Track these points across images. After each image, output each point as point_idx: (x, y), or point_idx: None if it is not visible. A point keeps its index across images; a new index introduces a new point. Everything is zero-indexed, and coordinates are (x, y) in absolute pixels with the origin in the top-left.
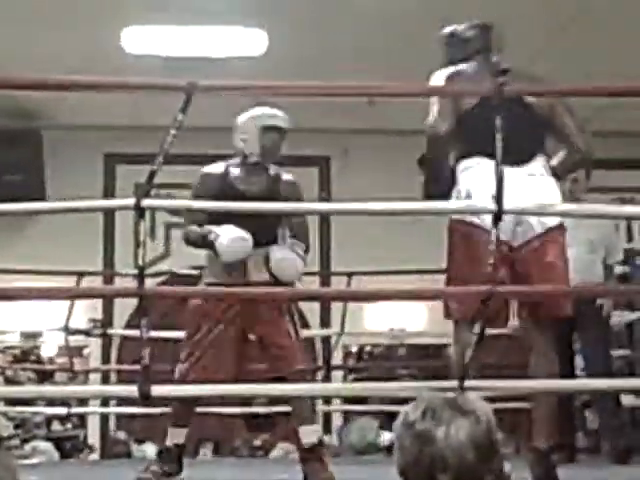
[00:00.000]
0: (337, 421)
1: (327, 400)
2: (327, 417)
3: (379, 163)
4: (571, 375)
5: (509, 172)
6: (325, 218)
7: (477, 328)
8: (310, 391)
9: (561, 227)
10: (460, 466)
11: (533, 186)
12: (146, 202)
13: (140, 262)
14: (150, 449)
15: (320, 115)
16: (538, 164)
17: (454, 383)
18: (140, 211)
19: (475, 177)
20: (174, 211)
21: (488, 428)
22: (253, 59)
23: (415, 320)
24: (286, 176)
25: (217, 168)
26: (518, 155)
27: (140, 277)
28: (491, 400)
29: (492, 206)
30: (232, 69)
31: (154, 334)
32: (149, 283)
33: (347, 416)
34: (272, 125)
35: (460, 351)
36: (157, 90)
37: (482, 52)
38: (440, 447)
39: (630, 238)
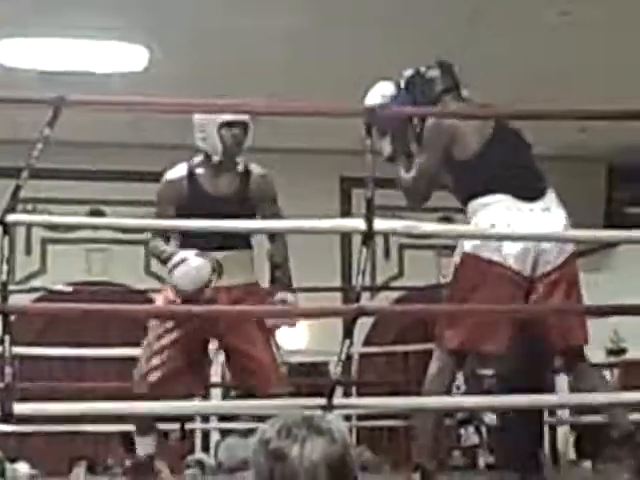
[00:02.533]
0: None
1: (205, 418)
2: (205, 435)
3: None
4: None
5: (527, 207)
6: None
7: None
8: (188, 409)
9: (574, 254)
10: None
11: (549, 221)
12: (11, 218)
13: (4, 278)
14: (23, 468)
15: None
16: (552, 198)
17: (323, 401)
18: (3, 226)
19: (496, 214)
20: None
21: (343, 448)
22: (133, 75)
23: (295, 338)
24: (256, 169)
25: (180, 172)
26: (533, 190)
27: (2, 294)
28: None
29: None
30: (112, 85)
31: (24, 351)
32: (22, 300)
33: (224, 434)
34: (232, 120)
35: (442, 383)
36: (29, 104)
37: (451, 91)
38: (293, 465)
39: None
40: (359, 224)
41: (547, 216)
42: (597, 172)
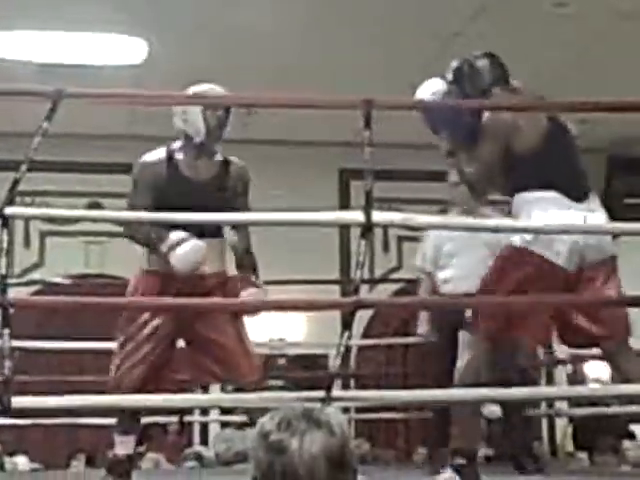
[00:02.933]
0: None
1: (204, 411)
2: (204, 428)
3: (257, 173)
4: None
5: (576, 206)
6: None
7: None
8: (187, 402)
9: (614, 258)
10: (312, 477)
11: (594, 222)
12: (9, 211)
13: (2, 271)
14: (22, 461)
15: None
16: (596, 200)
17: (321, 394)
18: (2, 219)
19: (548, 210)
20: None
21: (342, 441)
22: (133, 67)
23: (295, 330)
24: (235, 160)
25: (158, 155)
26: (580, 190)
27: (1, 287)
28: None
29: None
30: (111, 77)
31: (28, 344)
32: (21, 293)
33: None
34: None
35: (478, 367)
36: (28, 97)
37: (500, 81)
38: (292, 458)
39: None
40: (358, 216)
41: (592, 217)
42: (597, 163)
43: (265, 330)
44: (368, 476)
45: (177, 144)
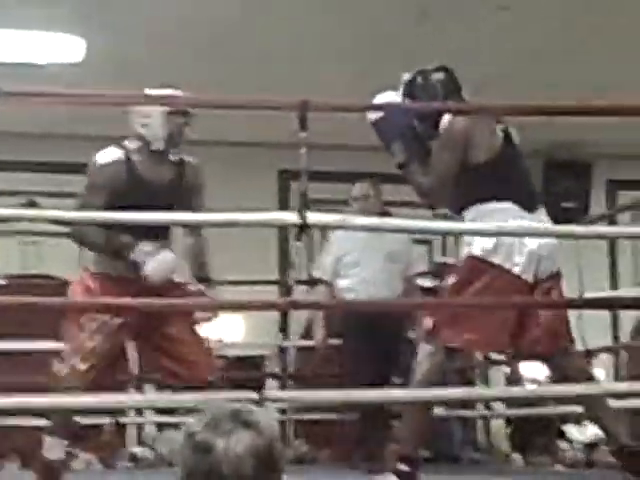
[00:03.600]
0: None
1: (140, 411)
2: (140, 428)
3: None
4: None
5: (529, 217)
6: None
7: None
8: (122, 403)
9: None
10: (237, 477)
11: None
12: None
13: None
14: None
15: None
16: (543, 211)
17: (254, 394)
18: None
19: (507, 221)
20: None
21: (270, 442)
22: (71, 66)
23: (232, 331)
24: (188, 159)
25: (114, 155)
26: (532, 201)
27: None
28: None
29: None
30: (51, 76)
31: None
32: None
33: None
34: (179, 109)
35: (438, 378)
36: None
37: (454, 94)
38: (218, 458)
39: (444, 252)
40: (292, 217)
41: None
42: (534, 167)
43: (202, 331)
44: (303, 476)
45: (133, 145)
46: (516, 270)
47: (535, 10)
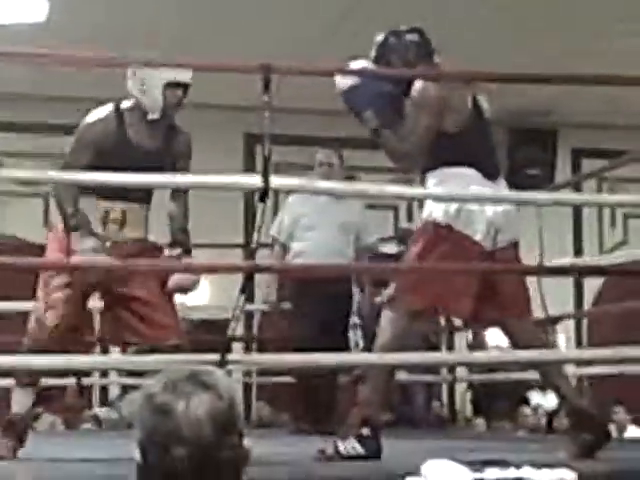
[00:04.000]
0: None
1: (104, 373)
2: (104, 390)
3: None
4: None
5: (490, 185)
6: None
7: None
8: (90, 363)
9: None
10: (196, 440)
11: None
12: None
13: None
14: None
15: (100, 85)
16: (502, 180)
17: (216, 357)
18: None
19: (466, 186)
20: None
21: (229, 404)
22: (33, 26)
23: (196, 295)
24: (181, 128)
25: (107, 112)
26: (494, 170)
27: None
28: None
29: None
30: (11, 36)
31: None
32: None
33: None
34: (180, 81)
35: (397, 342)
36: None
37: (426, 57)
38: (177, 420)
39: (410, 218)
40: (255, 180)
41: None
42: (499, 134)
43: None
44: (265, 440)
45: (127, 104)
46: (476, 237)
47: None
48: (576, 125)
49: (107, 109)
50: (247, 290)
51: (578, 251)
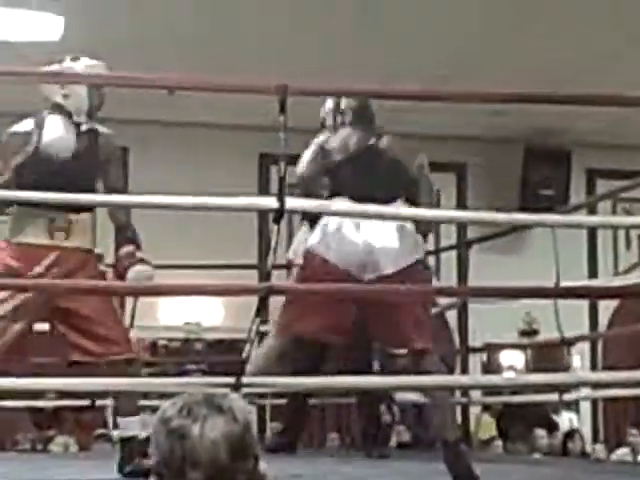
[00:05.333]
0: None
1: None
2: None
3: (179, 155)
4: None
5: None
6: None
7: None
8: (92, 386)
9: (417, 263)
10: (212, 463)
11: (386, 226)
12: None
13: None
14: None
15: (117, 105)
16: (400, 204)
17: (231, 379)
18: None
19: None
20: None
21: (244, 427)
22: (49, 44)
23: (212, 315)
24: (102, 129)
25: (27, 126)
26: (377, 199)
27: None
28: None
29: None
30: (27, 54)
31: None
32: None
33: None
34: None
35: (270, 363)
36: None
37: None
38: (193, 443)
39: None
40: (271, 202)
41: (380, 223)
42: (514, 154)
43: (181, 314)
44: (281, 462)
45: (43, 115)
46: (333, 259)
47: None
48: (590, 145)
49: (26, 123)
50: (261, 311)
51: (593, 273)
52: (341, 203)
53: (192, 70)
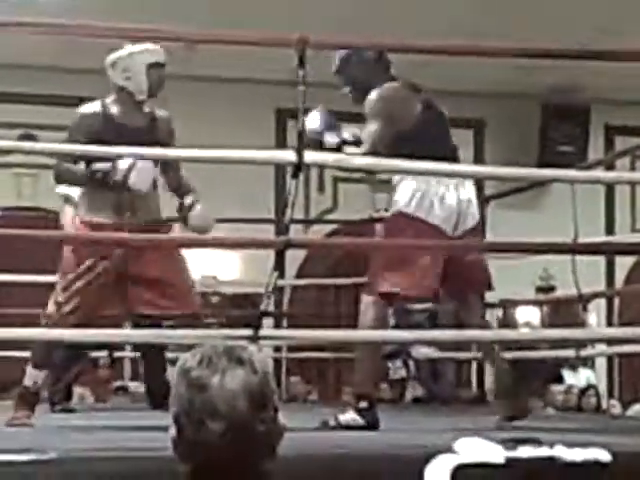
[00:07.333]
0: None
1: (136, 346)
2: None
3: (196, 110)
4: None
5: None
6: None
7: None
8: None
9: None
10: (231, 414)
11: (465, 191)
12: None
13: None
14: None
15: None
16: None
17: (248, 332)
18: None
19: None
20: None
21: (263, 379)
22: (70, 2)
23: (229, 269)
24: (159, 112)
25: (94, 107)
26: (451, 155)
27: None
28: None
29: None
30: (47, 7)
31: None
32: None
33: None
34: (157, 61)
35: (378, 324)
36: None
37: (386, 71)
38: (212, 394)
39: None
40: (289, 156)
41: (463, 186)
42: (532, 111)
43: (197, 267)
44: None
45: (111, 98)
46: (436, 222)
47: None
48: (609, 102)
49: (93, 105)
50: (278, 265)
51: (610, 229)
52: (360, 159)
53: (209, 24)
